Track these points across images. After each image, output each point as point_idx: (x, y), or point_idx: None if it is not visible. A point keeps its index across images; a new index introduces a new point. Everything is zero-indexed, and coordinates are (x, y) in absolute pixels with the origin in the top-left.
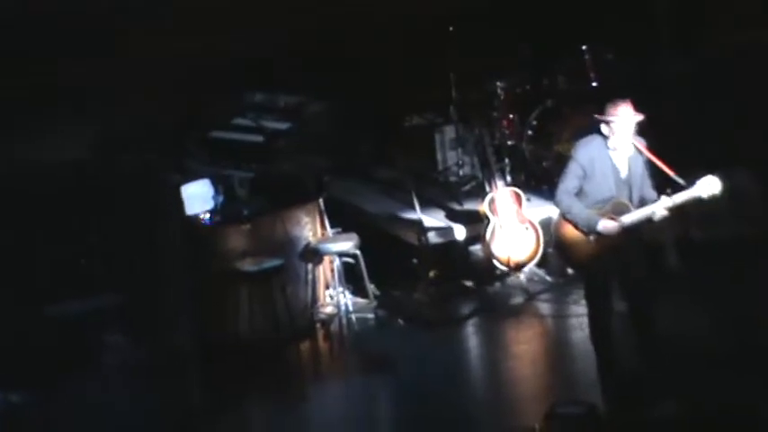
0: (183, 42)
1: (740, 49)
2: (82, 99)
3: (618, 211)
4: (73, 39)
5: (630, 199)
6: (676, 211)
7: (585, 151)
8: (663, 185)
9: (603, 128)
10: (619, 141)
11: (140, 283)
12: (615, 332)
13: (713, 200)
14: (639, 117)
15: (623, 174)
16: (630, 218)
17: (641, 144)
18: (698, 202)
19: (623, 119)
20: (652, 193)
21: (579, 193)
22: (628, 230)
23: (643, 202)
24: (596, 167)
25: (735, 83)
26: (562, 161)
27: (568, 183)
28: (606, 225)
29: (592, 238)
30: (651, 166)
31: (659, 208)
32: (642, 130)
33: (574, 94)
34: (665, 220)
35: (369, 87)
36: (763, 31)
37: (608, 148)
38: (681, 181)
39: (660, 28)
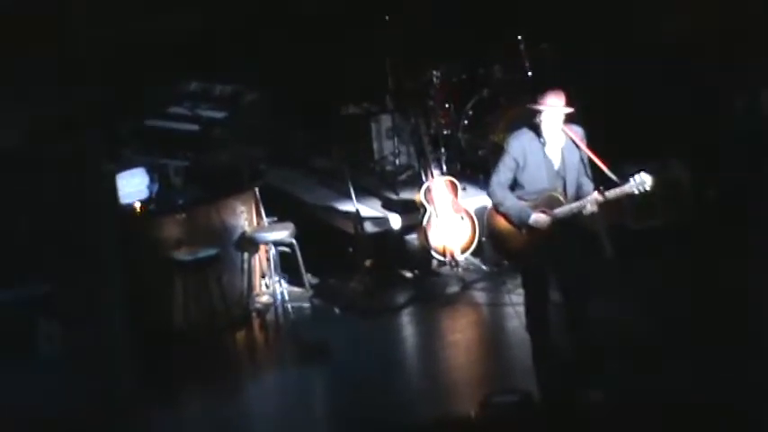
0: (117, 26)
1: (673, 39)
2: (12, 84)
3: (550, 204)
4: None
5: (565, 190)
6: (610, 201)
7: (518, 143)
8: (598, 177)
9: (536, 118)
10: (549, 132)
11: (74, 271)
12: (551, 321)
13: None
14: (569, 109)
15: (556, 165)
16: (561, 211)
17: (577, 136)
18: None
19: (552, 109)
20: (589, 184)
21: (514, 185)
22: (559, 222)
23: (580, 193)
24: (529, 159)
25: (668, 72)
26: (498, 151)
27: (501, 175)
28: (538, 218)
29: (524, 230)
30: (590, 161)
31: (589, 203)
32: (577, 120)
33: (510, 83)
34: (598, 210)
35: (305, 76)
36: (698, 19)
37: (540, 139)
38: (613, 177)
39: (595, 18)
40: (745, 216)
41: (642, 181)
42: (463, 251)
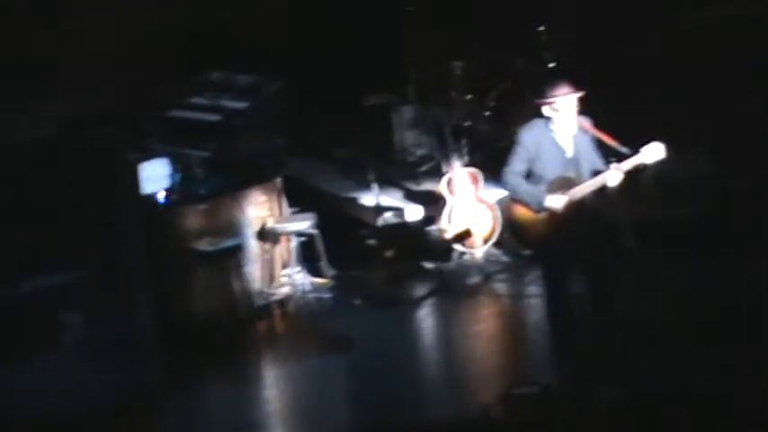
0: (141, 19)
1: (698, 28)
2: (40, 77)
3: (564, 185)
4: (28, 15)
5: (580, 177)
6: (629, 189)
7: (530, 135)
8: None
9: (546, 110)
10: (563, 121)
11: (97, 261)
12: (571, 312)
13: (666, 178)
14: (580, 93)
15: (569, 153)
16: (580, 191)
17: (585, 123)
18: (653, 180)
19: (565, 98)
20: (603, 168)
21: (529, 176)
22: (579, 207)
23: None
24: (542, 150)
25: (692, 62)
26: None
27: (514, 166)
28: (554, 200)
29: (543, 215)
30: (598, 143)
31: (606, 179)
32: (589, 109)
33: (532, 74)
34: (618, 200)
35: (326, 67)
36: (728, 6)
37: (552, 130)
38: (625, 150)
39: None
40: None
41: (655, 151)
42: (484, 242)
